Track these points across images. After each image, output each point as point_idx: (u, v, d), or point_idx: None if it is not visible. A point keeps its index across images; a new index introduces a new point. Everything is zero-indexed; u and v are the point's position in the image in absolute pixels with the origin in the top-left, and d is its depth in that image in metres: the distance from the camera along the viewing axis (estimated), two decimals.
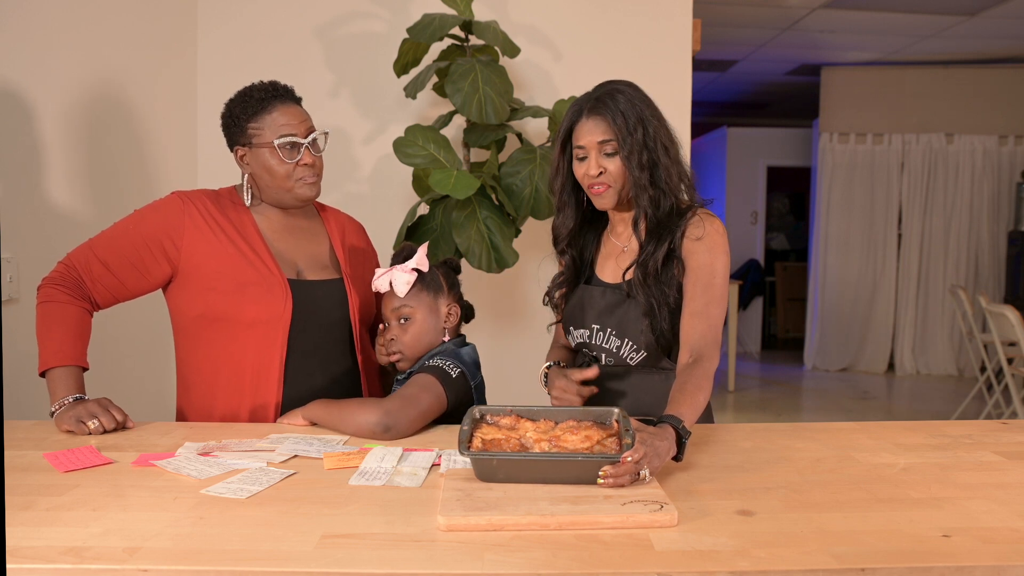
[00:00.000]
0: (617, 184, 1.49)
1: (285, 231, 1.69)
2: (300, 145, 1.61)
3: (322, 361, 1.65)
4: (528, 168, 2.55)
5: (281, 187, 1.63)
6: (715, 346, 1.43)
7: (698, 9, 3.18)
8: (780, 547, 0.96)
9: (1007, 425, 1.56)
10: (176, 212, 1.61)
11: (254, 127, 1.60)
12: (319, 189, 1.67)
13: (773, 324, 8.73)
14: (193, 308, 1.60)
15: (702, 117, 8.91)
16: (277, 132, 1.59)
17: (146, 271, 1.60)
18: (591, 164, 1.49)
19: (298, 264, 1.68)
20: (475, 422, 1.29)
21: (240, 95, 1.63)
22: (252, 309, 1.57)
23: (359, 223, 1.88)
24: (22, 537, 0.97)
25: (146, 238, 1.59)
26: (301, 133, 1.61)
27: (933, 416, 5.33)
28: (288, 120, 1.60)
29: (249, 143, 1.62)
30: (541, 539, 0.98)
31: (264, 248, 1.63)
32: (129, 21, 2.53)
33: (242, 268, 1.59)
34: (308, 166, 1.62)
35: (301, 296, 1.62)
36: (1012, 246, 6.44)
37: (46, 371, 1.51)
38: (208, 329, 1.60)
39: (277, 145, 1.59)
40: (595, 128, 1.48)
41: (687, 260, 1.49)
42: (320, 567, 0.90)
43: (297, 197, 1.64)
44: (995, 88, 6.59)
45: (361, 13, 3.05)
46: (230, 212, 1.65)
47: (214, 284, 1.58)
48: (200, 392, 1.63)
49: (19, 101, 2.04)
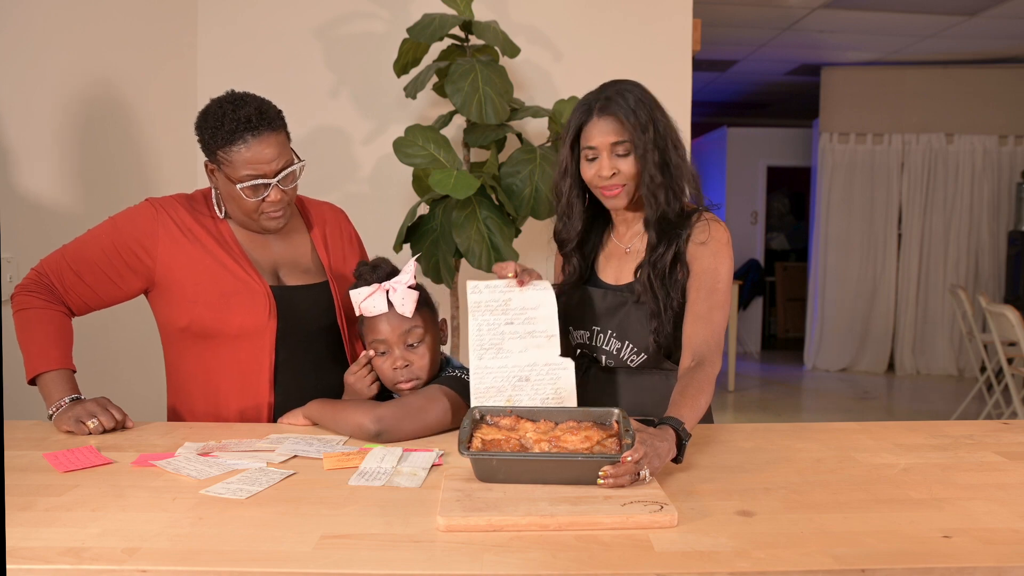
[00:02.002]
0: (630, 184, 1.48)
1: (262, 236, 1.63)
2: (268, 184, 1.52)
3: (313, 368, 1.63)
4: (528, 168, 2.55)
5: (246, 217, 1.57)
6: (717, 350, 1.43)
7: (698, 9, 3.18)
8: (780, 548, 0.95)
9: (1008, 425, 1.55)
10: (149, 221, 1.56)
11: (223, 156, 1.51)
12: (288, 218, 1.59)
13: (773, 324, 8.72)
14: (178, 320, 1.57)
15: (702, 117, 8.91)
16: (243, 170, 1.49)
17: (120, 281, 1.56)
18: (603, 165, 1.46)
19: (278, 269, 1.63)
20: (475, 422, 1.29)
21: (213, 116, 1.51)
22: (237, 320, 1.54)
23: (339, 209, 1.82)
24: (21, 537, 0.97)
25: (119, 248, 1.55)
26: (270, 173, 1.50)
27: (933, 416, 5.33)
28: (258, 159, 1.49)
29: (217, 166, 1.54)
30: (541, 540, 0.98)
31: (242, 255, 1.59)
32: (129, 21, 2.53)
33: (222, 278, 1.55)
34: (274, 203, 1.54)
35: (285, 303, 1.58)
36: (1012, 246, 6.43)
37: (35, 378, 1.50)
38: (195, 341, 1.57)
39: (241, 189, 1.50)
40: (607, 128, 1.45)
41: (691, 264, 1.48)
42: (319, 568, 0.90)
43: (262, 228, 1.58)
44: (995, 88, 6.59)
45: (361, 13, 3.05)
46: (205, 219, 1.60)
47: (196, 297, 1.54)
48: (190, 398, 1.62)
49: (19, 101, 2.04)
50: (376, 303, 1.48)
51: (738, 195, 8.12)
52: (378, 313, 1.49)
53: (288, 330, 1.59)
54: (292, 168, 1.54)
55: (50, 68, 2.14)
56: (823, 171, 6.78)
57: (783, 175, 8.79)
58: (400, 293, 1.48)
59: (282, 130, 1.55)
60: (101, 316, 1.69)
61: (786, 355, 7.73)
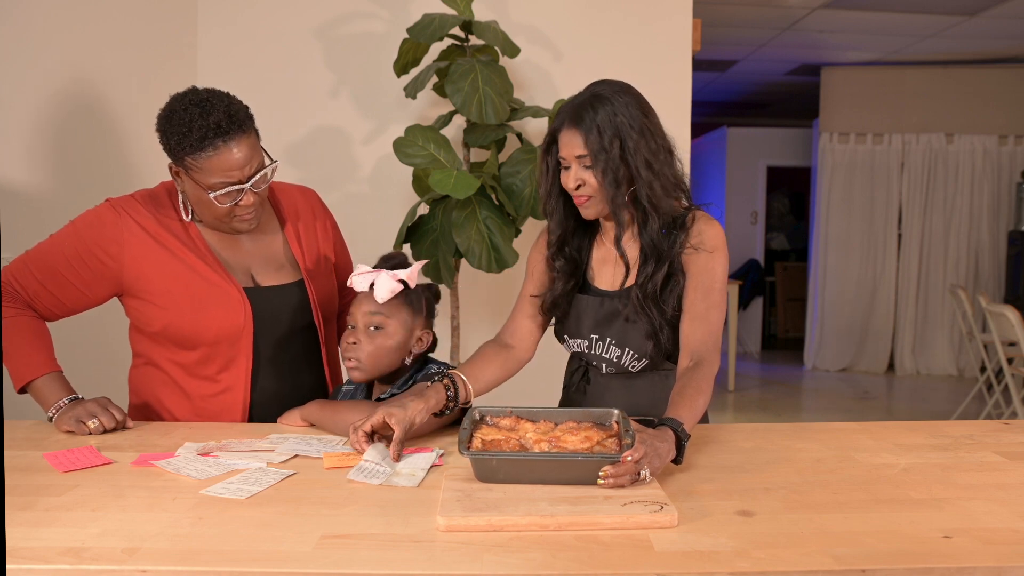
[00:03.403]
0: (597, 195, 1.44)
1: (232, 236, 1.58)
2: (241, 189, 1.47)
3: (290, 368, 1.62)
4: (528, 168, 2.55)
5: (216, 221, 1.52)
6: (715, 350, 1.42)
7: (698, 9, 3.18)
8: (780, 548, 0.95)
9: (1008, 425, 1.55)
10: (111, 225, 1.50)
11: (191, 161, 1.43)
12: (259, 218, 1.55)
13: (773, 324, 8.72)
14: (151, 324, 1.53)
15: (702, 117, 8.91)
16: (214, 177, 1.43)
17: (86, 289, 1.52)
18: (569, 176, 1.44)
19: (251, 268, 1.59)
20: (475, 423, 1.29)
21: (179, 120, 1.42)
22: (214, 326, 1.51)
23: (310, 191, 1.76)
24: (21, 538, 0.97)
25: (82, 255, 1.50)
26: (243, 179, 1.45)
27: (933, 416, 5.33)
28: (229, 166, 1.43)
29: (185, 170, 1.46)
30: (541, 540, 0.98)
31: (212, 258, 1.54)
32: (129, 21, 2.53)
33: (194, 284, 1.51)
34: (248, 206, 1.49)
35: (260, 305, 1.56)
36: (1012, 246, 6.43)
37: (25, 386, 1.49)
38: (168, 344, 1.55)
39: (213, 197, 1.45)
40: (571, 141, 1.42)
41: (687, 267, 1.47)
42: (319, 568, 0.90)
43: (233, 230, 1.54)
44: (995, 88, 6.58)
45: (361, 13, 3.05)
46: (170, 222, 1.54)
47: (167, 303, 1.50)
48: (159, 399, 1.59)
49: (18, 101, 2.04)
50: (361, 281, 1.48)
51: (738, 195, 8.12)
52: (358, 290, 1.50)
53: (264, 331, 1.57)
54: (264, 171, 1.49)
55: (50, 68, 2.14)
56: (823, 171, 6.78)
57: (783, 175, 8.78)
58: (383, 279, 1.47)
59: (252, 131, 1.48)
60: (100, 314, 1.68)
61: (786, 355, 7.73)
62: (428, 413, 1.35)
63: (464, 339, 2.95)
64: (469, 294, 2.99)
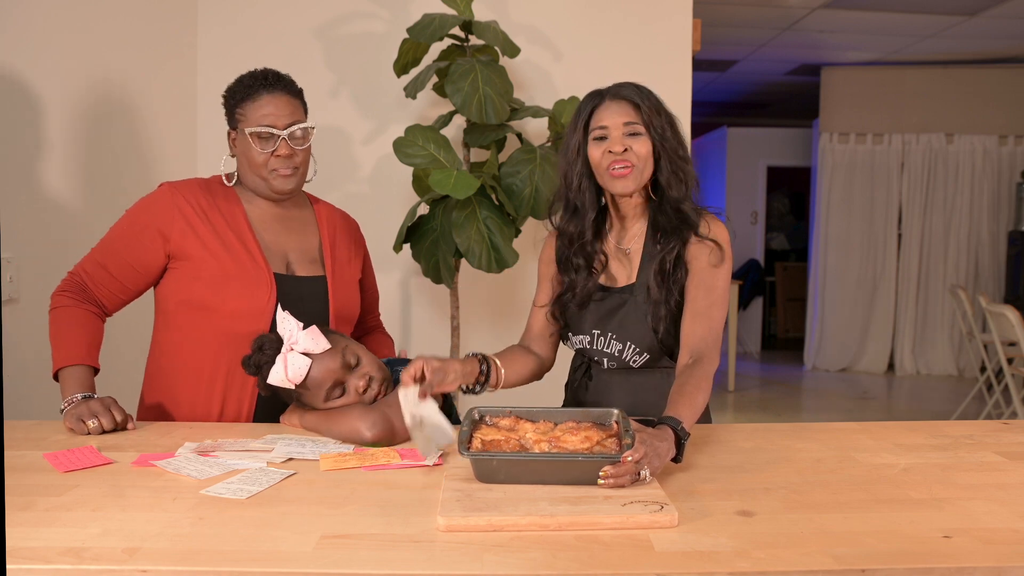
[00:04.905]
0: (640, 165, 1.46)
1: (275, 221, 1.68)
2: (277, 136, 1.59)
3: None
4: (528, 168, 2.55)
5: (257, 175, 1.62)
6: (715, 348, 1.43)
7: (698, 9, 3.18)
8: (780, 548, 0.95)
9: (1008, 425, 1.55)
10: (166, 203, 1.60)
11: (240, 112, 1.61)
12: (298, 183, 1.65)
13: (773, 324, 8.73)
14: (177, 294, 1.60)
15: (702, 117, 8.91)
16: (256, 121, 1.59)
17: (144, 268, 1.60)
18: (615, 142, 1.45)
19: (288, 256, 1.67)
20: (474, 423, 1.29)
21: (238, 78, 1.65)
22: (234, 302, 1.56)
23: (352, 220, 1.84)
24: (21, 537, 0.97)
25: (139, 235, 1.59)
26: (280, 125, 1.59)
27: (933, 416, 5.33)
28: (269, 111, 1.59)
29: (236, 127, 1.63)
30: (541, 540, 0.98)
31: (253, 240, 1.62)
32: (129, 21, 2.53)
33: (227, 261, 1.58)
34: (283, 157, 1.60)
35: (286, 292, 1.60)
36: (1012, 246, 6.43)
37: (58, 371, 1.52)
38: (189, 315, 1.59)
39: (251, 134, 1.58)
40: (620, 110, 1.46)
41: (691, 263, 1.48)
42: (319, 568, 0.90)
43: (272, 188, 1.63)
44: (995, 88, 6.59)
45: (361, 13, 3.05)
46: (221, 202, 1.64)
47: (199, 273, 1.57)
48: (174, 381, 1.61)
49: (19, 100, 2.04)
50: (294, 367, 1.43)
51: (738, 195, 8.12)
52: (304, 371, 1.43)
53: None
54: (303, 125, 1.63)
55: (50, 68, 2.14)
56: (823, 171, 6.78)
57: (783, 175, 8.79)
58: (302, 343, 1.43)
59: (298, 97, 1.66)
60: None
61: (786, 355, 7.73)
62: (461, 377, 1.40)
63: (464, 339, 2.95)
64: (469, 294, 2.99)
